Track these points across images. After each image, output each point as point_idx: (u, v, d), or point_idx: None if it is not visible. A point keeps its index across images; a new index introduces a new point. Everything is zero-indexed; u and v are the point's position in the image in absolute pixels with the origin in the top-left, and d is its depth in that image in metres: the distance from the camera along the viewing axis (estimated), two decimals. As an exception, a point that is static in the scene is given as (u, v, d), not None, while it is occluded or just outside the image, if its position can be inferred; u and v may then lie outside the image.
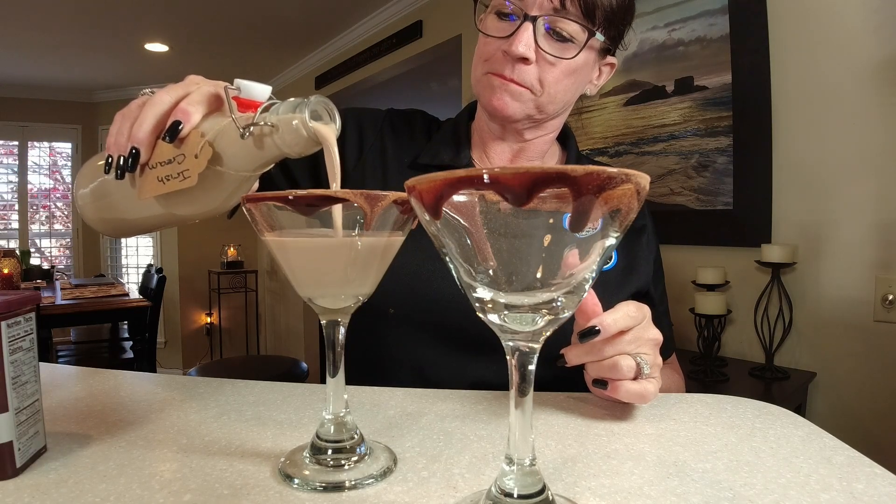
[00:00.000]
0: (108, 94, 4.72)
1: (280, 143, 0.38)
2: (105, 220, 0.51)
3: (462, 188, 0.25)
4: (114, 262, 4.92)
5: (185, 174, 0.40)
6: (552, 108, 0.67)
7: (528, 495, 0.31)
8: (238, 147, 0.40)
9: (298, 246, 0.36)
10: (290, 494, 0.34)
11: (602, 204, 0.25)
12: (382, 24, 3.14)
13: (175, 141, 0.40)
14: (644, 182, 0.26)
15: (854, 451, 0.41)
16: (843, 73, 1.41)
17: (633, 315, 0.49)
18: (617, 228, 0.27)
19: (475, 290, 0.29)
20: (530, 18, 0.61)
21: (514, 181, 0.24)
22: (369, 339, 0.68)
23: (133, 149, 0.42)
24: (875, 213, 1.36)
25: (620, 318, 0.48)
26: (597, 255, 0.28)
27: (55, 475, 0.37)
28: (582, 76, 0.67)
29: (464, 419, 0.48)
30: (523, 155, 0.73)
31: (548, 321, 0.29)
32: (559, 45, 0.62)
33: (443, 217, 0.27)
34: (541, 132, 0.71)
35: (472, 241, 0.27)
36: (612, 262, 0.71)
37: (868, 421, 1.38)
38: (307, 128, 0.37)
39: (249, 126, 0.38)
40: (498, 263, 0.27)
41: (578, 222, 0.25)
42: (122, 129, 0.43)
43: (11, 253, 3.04)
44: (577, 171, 0.23)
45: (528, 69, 0.63)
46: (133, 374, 0.64)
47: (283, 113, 0.38)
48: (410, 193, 0.28)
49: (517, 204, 0.24)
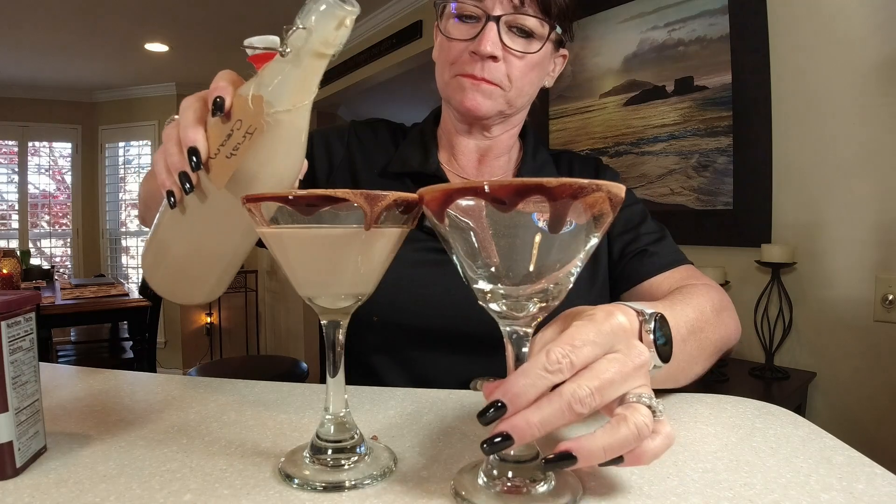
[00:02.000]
0: (108, 94, 4.72)
1: (318, 38, 0.39)
2: (193, 274, 0.51)
3: (460, 197, 0.31)
4: (114, 263, 4.92)
5: (249, 130, 0.40)
6: (520, 102, 0.70)
7: (525, 460, 0.34)
8: (282, 79, 0.40)
9: (296, 239, 0.36)
10: (290, 494, 0.34)
11: (578, 209, 0.30)
12: (382, 24, 3.14)
13: (224, 114, 0.40)
14: (617, 191, 0.30)
15: (854, 451, 0.41)
16: (843, 73, 1.41)
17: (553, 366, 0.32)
18: (596, 230, 0.32)
19: (477, 282, 0.34)
20: (493, 18, 0.64)
21: (500, 192, 0.29)
22: (359, 346, 0.69)
23: (190, 150, 0.42)
24: (875, 213, 1.36)
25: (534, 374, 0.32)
26: (580, 253, 0.33)
27: (55, 475, 0.37)
28: (543, 68, 0.70)
29: (464, 419, 0.48)
30: (490, 153, 0.75)
31: (539, 308, 0.34)
32: (522, 41, 0.66)
33: (450, 221, 0.32)
34: (506, 127, 0.73)
35: (475, 240, 0.32)
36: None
37: (868, 421, 1.38)
38: (340, 6, 0.38)
39: (284, 44, 0.39)
40: (498, 259, 0.32)
41: (556, 225, 0.30)
42: (168, 151, 0.43)
43: (11, 253, 3.04)
44: (551, 183, 0.28)
45: (497, 66, 0.66)
46: (133, 374, 0.64)
47: (307, 13, 0.39)
48: (420, 202, 0.33)
49: (504, 210, 0.30)
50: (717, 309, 0.58)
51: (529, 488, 0.33)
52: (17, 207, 4.58)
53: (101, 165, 4.83)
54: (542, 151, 0.78)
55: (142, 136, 4.75)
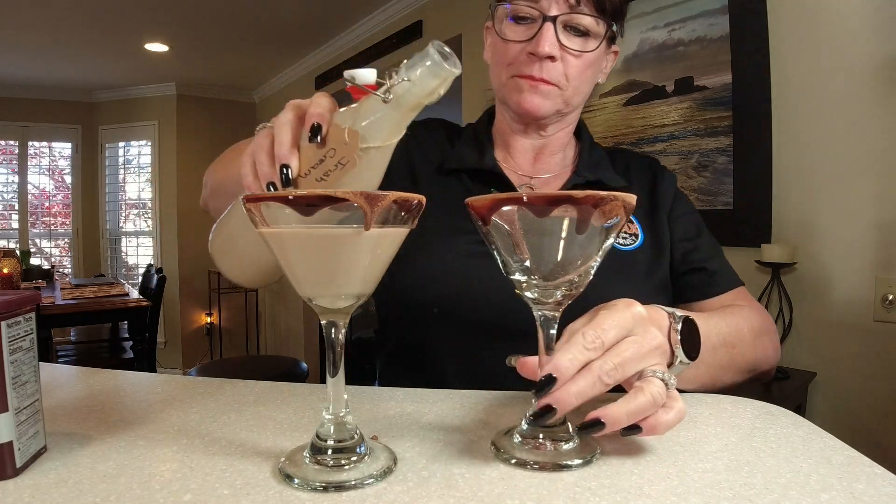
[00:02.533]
0: (108, 94, 4.73)
1: (418, 90, 0.41)
2: (259, 263, 0.56)
3: (503, 206, 0.37)
4: (114, 262, 4.92)
5: (342, 161, 0.43)
6: (576, 100, 0.71)
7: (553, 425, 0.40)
8: (378, 118, 0.43)
9: (296, 239, 0.36)
10: (290, 494, 0.34)
11: (599, 215, 0.36)
12: (382, 24, 3.14)
13: (320, 141, 0.43)
14: (630, 199, 0.37)
15: (854, 451, 0.41)
16: (843, 72, 1.41)
17: (589, 344, 0.39)
18: (613, 231, 0.38)
19: (514, 274, 0.40)
20: (550, 18, 0.64)
21: (537, 201, 0.36)
22: (417, 337, 0.71)
23: (283, 166, 0.44)
24: (875, 213, 1.36)
25: (576, 350, 0.39)
26: (599, 251, 0.39)
27: (55, 475, 0.37)
28: (598, 66, 0.71)
29: (464, 419, 0.48)
30: (545, 151, 0.76)
31: (564, 296, 0.40)
32: (579, 39, 0.67)
33: (492, 223, 0.38)
34: (562, 125, 0.75)
35: (511, 240, 0.39)
36: (639, 240, 0.72)
37: (868, 421, 1.38)
38: (443, 68, 0.40)
39: (388, 91, 0.41)
40: (529, 255, 0.39)
41: (581, 227, 0.37)
42: (259, 161, 0.45)
43: (11, 253, 3.04)
44: (578, 195, 0.35)
45: (555, 66, 0.66)
46: (133, 374, 0.64)
47: (412, 66, 0.41)
48: (468, 208, 0.40)
49: (540, 216, 0.36)
50: (756, 331, 0.64)
51: (556, 447, 0.40)
52: (17, 207, 4.58)
53: (101, 165, 4.83)
54: (597, 149, 0.80)
55: (142, 136, 4.75)
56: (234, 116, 4.89)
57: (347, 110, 0.45)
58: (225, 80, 4.59)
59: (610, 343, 0.40)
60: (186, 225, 4.63)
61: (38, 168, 4.70)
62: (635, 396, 0.38)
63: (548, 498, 0.34)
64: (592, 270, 0.40)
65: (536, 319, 0.42)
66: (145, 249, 4.86)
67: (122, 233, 4.93)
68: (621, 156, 0.81)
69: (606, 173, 0.75)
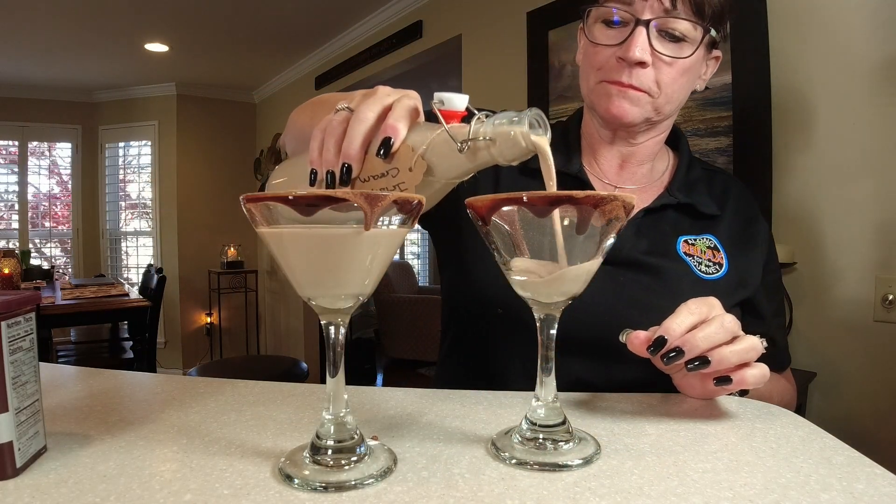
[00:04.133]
0: (108, 94, 4.72)
1: (496, 153, 0.41)
2: None
3: (503, 206, 0.37)
4: (114, 262, 4.92)
5: (400, 186, 0.43)
6: (669, 109, 0.68)
7: (553, 425, 0.41)
8: (451, 159, 0.42)
9: (296, 239, 0.36)
10: (290, 494, 0.34)
11: (599, 215, 0.36)
12: (382, 24, 3.14)
13: (386, 156, 0.42)
14: (630, 200, 0.37)
15: (854, 451, 0.41)
16: (843, 72, 1.41)
17: (693, 311, 0.47)
18: (613, 231, 0.38)
19: (512, 274, 0.41)
20: (643, 22, 0.61)
21: (537, 202, 0.36)
22: (481, 339, 0.70)
23: (345, 165, 0.43)
24: (875, 213, 1.36)
25: (683, 317, 0.47)
26: (599, 251, 0.39)
27: (55, 475, 0.37)
28: (694, 73, 0.67)
29: (464, 419, 0.48)
30: (632, 159, 0.73)
31: (562, 298, 0.41)
32: (673, 45, 0.63)
33: (492, 223, 0.38)
34: (652, 134, 0.71)
35: (512, 240, 0.39)
36: (722, 269, 0.69)
37: (868, 421, 1.38)
38: (528, 141, 0.39)
39: (467, 141, 0.41)
40: (530, 255, 0.39)
41: (581, 227, 0.37)
42: (327, 145, 0.44)
43: (11, 253, 3.04)
44: (578, 195, 0.35)
45: (646, 72, 0.63)
46: (133, 374, 0.64)
47: (499, 126, 0.40)
48: (469, 208, 0.39)
49: (540, 216, 0.36)
50: (784, 402, 0.67)
51: (556, 446, 0.40)
52: (17, 207, 4.58)
53: (101, 165, 4.83)
54: (695, 167, 0.76)
55: (142, 136, 4.75)
56: (234, 116, 4.89)
57: (427, 128, 0.44)
58: (225, 81, 4.58)
59: (708, 314, 0.47)
60: (186, 225, 4.63)
61: (38, 168, 4.70)
62: (739, 343, 0.46)
63: (548, 498, 0.34)
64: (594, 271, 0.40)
65: (537, 320, 0.42)
66: (145, 249, 4.86)
67: (122, 233, 4.92)
68: (721, 177, 0.77)
69: (701, 197, 0.72)
